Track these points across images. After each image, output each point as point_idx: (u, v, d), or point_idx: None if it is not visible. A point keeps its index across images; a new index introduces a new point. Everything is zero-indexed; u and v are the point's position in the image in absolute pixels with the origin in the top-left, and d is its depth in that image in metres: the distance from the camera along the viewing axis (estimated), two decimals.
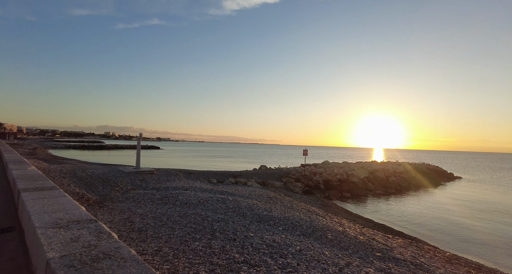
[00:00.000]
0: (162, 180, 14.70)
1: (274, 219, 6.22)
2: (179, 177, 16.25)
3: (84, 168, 15.14)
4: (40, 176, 6.04)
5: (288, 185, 18.28)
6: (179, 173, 17.02)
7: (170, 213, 7.60)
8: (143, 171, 15.43)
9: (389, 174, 25.05)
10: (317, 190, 18.37)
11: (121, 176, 13.96)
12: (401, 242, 6.73)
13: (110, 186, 12.12)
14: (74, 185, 11.24)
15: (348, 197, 19.07)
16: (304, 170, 21.79)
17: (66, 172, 13.66)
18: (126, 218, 7.45)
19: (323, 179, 20.19)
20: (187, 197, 9.41)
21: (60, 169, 14.54)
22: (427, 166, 32.46)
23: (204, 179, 17.43)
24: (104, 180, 12.81)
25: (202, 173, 18.50)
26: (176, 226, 6.26)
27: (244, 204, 7.80)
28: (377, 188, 22.01)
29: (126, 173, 14.60)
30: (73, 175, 12.96)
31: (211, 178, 17.76)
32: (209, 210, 7.56)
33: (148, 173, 15.48)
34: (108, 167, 16.69)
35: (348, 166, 28.13)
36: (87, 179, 12.61)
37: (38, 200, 3.68)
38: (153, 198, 9.92)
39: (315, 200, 14.84)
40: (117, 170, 15.37)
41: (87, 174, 13.49)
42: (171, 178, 15.53)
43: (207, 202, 8.61)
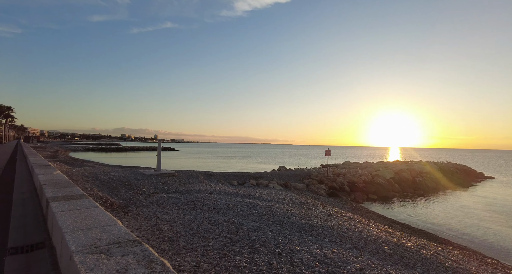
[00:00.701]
0: (184, 182, 14.37)
1: (316, 229, 5.61)
2: (200, 179, 15.89)
3: (106, 171, 15.03)
4: (67, 182, 5.70)
5: (311, 187, 17.56)
6: (200, 175, 16.67)
7: (199, 219, 7.14)
8: (164, 173, 15.16)
9: (416, 175, 23.80)
10: (342, 192, 17.55)
11: (143, 178, 13.72)
12: (459, 254, 5.98)
13: (133, 190, 11.86)
14: (97, 189, 11.02)
15: (374, 199, 18.15)
16: (326, 171, 20.98)
17: (88, 175, 13.56)
18: (153, 225, 7.04)
19: (347, 180, 19.32)
20: (214, 201, 8.94)
21: (82, 172, 14.48)
22: (454, 165, 30.78)
23: (225, 181, 17.00)
24: (126, 183, 12.59)
25: (222, 175, 18.09)
26: (209, 236, 5.76)
27: (277, 210, 7.22)
28: (404, 189, 20.90)
29: (148, 176, 14.37)
30: (96, 178, 12.81)
31: (232, 180, 17.31)
32: (240, 217, 7.03)
33: (169, 175, 15.20)
34: (129, 170, 16.55)
35: (371, 166, 27.03)
36: (109, 182, 12.41)
37: (69, 212, 3.25)
38: (178, 202, 9.52)
39: (342, 203, 14.08)
40: (138, 172, 15.17)
41: (109, 177, 13.33)
42: (192, 180, 15.18)
43: (236, 207, 8.09)
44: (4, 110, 53.22)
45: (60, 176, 6.63)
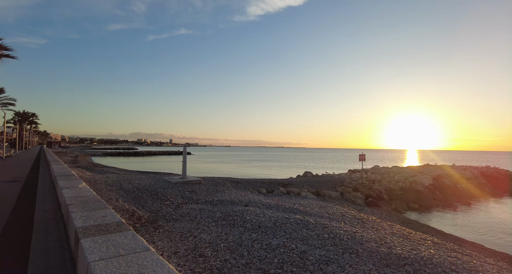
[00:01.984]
0: (211, 190, 13.34)
1: (408, 262, 4.32)
2: (227, 186, 14.83)
3: (129, 179, 14.24)
4: (96, 200, 4.70)
5: (346, 196, 16.11)
6: (227, 182, 15.61)
7: (247, 242, 5.98)
8: (190, 180, 14.19)
9: (456, 180, 21.78)
10: (381, 201, 15.98)
11: (169, 187, 12.79)
12: None
13: (160, 200, 10.91)
14: (123, 200, 10.12)
15: (416, 208, 16.48)
16: (361, 177, 19.43)
17: (111, 183, 12.76)
18: (193, 248, 5.94)
19: (384, 187, 17.71)
20: (256, 216, 7.77)
21: (105, 180, 13.73)
22: (495, 169, 28.29)
23: (253, 188, 15.86)
24: (152, 192, 11.67)
25: (249, 182, 16.96)
26: (269, 269, 4.59)
27: (340, 232, 5.96)
28: (446, 197, 19.01)
29: (173, 184, 13.43)
30: (120, 187, 11.97)
31: (260, 188, 16.13)
32: (297, 240, 5.82)
33: (195, 183, 14.22)
34: (153, 177, 15.71)
35: (403, 171, 25.15)
36: (134, 192, 11.53)
37: (110, 261, 2.15)
38: (214, 216, 8.43)
39: (388, 215, 12.58)
40: (163, 180, 14.29)
41: (133, 185, 12.47)
42: (220, 188, 14.13)
43: (284, 225, 6.89)
44: (28, 116, 54.68)
45: (87, 190, 5.67)
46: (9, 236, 3.89)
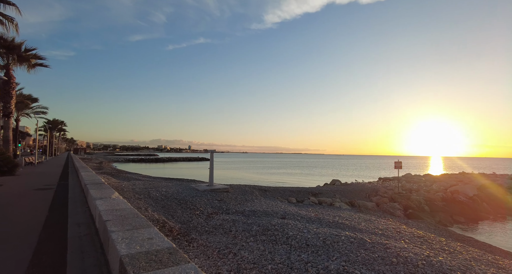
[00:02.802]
0: (240, 199, 12.68)
1: None
2: (255, 195, 14.11)
3: (156, 186, 13.87)
4: (134, 215, 4.13)
5: (383, 206, 14.88)
6: (254, 191, 14.88)
7: (297, 263, 5.19)
8: (217, 188, 13.61)
9: (503, 191, 19.77)
10: (422, 213, 14.60)
11: (197, 195, 12.26)
12: None
13: (189, 209, 10.37)
14: (152, 209, 9.64)
15: (462, 222, 14.92)
16: (396, 186, 18.06)
17: (139, 191, 12.41)
18: (236, 269, 5.24)
19: (423, 198, 16.27)
20: (299, 232, 6.96)
21: (132, 187, 13.44)
22: None
23: (282, 197, 15.02)
24: (180, 201, 11.16)
25: (276, 190, 16.13)
26: None
27: (409, 254, 5.04)
28: (494, 209, 17.19)
29: (201, 192, 12.90)
30: (148, 195, 11.57)
31: (289, 197, 15.27)
32: (358, 264, 4.95)
33: (223, 191, 13.61)
34: (179, 184, 15.28)
35: (439, 180, 23.32)
36: (162, 200, 11.07)
37: None
38: (250, 229, 7.71)
39: (436, 229, 11.30)
40: (190, 188, 13.80)
41: (161, 193, 12.04)
42: (248, 196, 13.44)
43: (336, 243, 6.03)
44: (57, 124, 57.10)
45: (122, 202, 5.14)
46: (42, 258, 3.37)
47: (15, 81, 17.07)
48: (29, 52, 16.94)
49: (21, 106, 27.76)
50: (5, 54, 16.13)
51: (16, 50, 16.07)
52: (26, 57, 16.71)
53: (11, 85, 16.65)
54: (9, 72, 16.58)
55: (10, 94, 16.71)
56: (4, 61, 16.33)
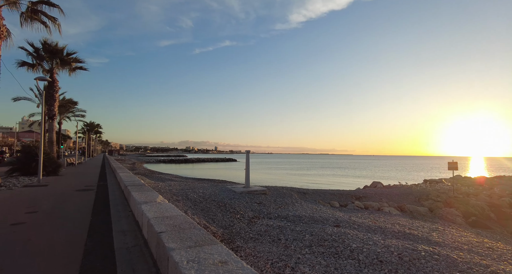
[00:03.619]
0: (279, 202, 11.86)
1: None
2: (294, 198, 13.21)
3: (192, 188, 13.49)
4: (190, 225, 3.47)
5: (438, 212, 13.25)
6: (293, 193, 13.98)
7: None
8: (255, 190, 12.91)
9: None
10: (488, 221, 12.77)
11: (235, 197, 11.64)
12: None
13: (230, 213, 9.73)
14: (191, 212, 9.11)
15: None
16: (451, 189, 16.20)
17: (176, 192, 12.06)
18: None
19: (485, 203, 14.32)
20: (364, 244, 5.97)
21: (168, 188, 13.16)
22: None
23: (323, 201, 13.97)
24: (220, 203, 10.58)
25: (316, 193, 15.09)
26: None
27: None
28: None
29: (238, 194, 12.27)
30: (185, 197, 11.15)
31: (331, 200, 14.17)
32: None
33: (260, 193, 12.88)
34: (214, 185, 14.81)
35: (499, 183, 20.75)
36: (201, 202, 10.56)
37: None
38: (302, 238, 6.84)
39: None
40: (226, 189, 13.24)
41: (198, 195, 11.58)
42: (287, 199, 12.58)
43: (418, 261, 4.98)
44: (94, 127, 60.32)
45: (170, 208, 4.55)
46: None
47: (58, 85, 17.80)
48: (70, 55, 17.58)
49: (62, 110, 29.27)
50: (49, 58, 16.83)
51: (59, 54, 16.74)
52: (68, 61, 17.34)
53: (55, 88, 17.37)
54: (53, 76, 17.30)
55: (53, 97, 17.44)
56: (49, 65, 17.06)
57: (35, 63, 16.50)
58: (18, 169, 13.16)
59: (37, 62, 16.54)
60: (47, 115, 18.07)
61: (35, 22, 10.46)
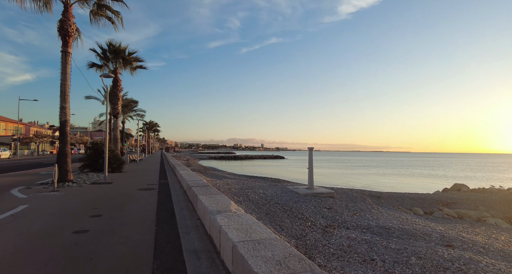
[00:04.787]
0: (352, 208, 10.20)
1: None
2: (368, 202, 11.39)
3: (252, 187, 12.60)
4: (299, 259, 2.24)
5: None
6: (365, 197, 12.14)
7: None
8: (320, 193, 11.44)
9: None
10: None
11: (299, 200, 10.35)
12: None
13: (298, 219, 8.48)
14: (256, 216, 8.05)
15: None
16: None
17: (236, 192, 11.26)
18: None
19: None
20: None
21: (227, 187, 12.47)
22: None
23: (403, 207, 11.84)
24: (284, 207, 9.40)
25: (391, 197, 12.96)
26: None
27: None
28: None
29: (303, 196, 10.95)
30: (247, 197, 10.23)
31: (413, 206, 11.95)
32: None
33: (327, 196, 11.37)
34: (274, 186, 13.72)
35: None
36: (264, 205, 9.50)
37: None
38: (407, 262, 5.22)
39: None
40: (288, 190, 12.04)
41: (260, 196, 10.58)
42: (360, 204, 10.84)
43: None
44: (153, 125, 64.77)
45: (254, 223, 3.48)
46: None
47: (121, 85, 18.69)
48: (131, 55, 18.28)
49: (125, 110, 31.39)
50: (113, 59, 17.69)
51: (122, 54, 17.50)
52: (129, 60, 18.06)
53: (118, 87, 18.28)
54: (117, 75, 18.19)
55: (117, 96, 18.37)
56: (113, 66, 17.97)
57: (102, 64, 17.54)
58: (88, 165, 13.83)
59: (104, 62, 17.55)
60: (112, 114, 19.13)
61: (101, 19, 10.59)
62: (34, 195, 7.02)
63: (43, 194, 7.15)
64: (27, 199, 6.47)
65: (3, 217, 4.78)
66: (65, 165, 8.98)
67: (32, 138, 43.26)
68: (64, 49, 8.97)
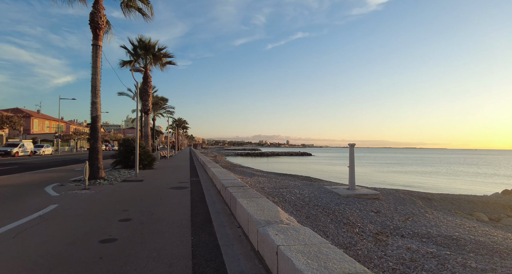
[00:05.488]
0: (402, 212, 8.99)
1: None
2: (419, 206, 10.05)
3: (285, 186, 11.77)
4: None
5: None
6: (414, 199, 10.78)
7: None
8: (364, 194, 10.31)
9: None
10: None
11: (341, 202, 9.34)
12: None
13: (343, 224, 7.52)
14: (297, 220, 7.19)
15: None
16: None
17: (270, 192, 10.49)
18: None
19: None
20: None
21: (260, 185, 11.75)
22: None
23: (461, 211, 10.34)
24: (325, 210, 8.47)
25: (445, 199, 11.46)
26: None
27: None
28: None
29: (344, 198, 9.91)
30: (282, 198, 9.43)
31: (473, 211, 10.40)
32: None
33: (372, 197, 10.22)
34: (310, 185, 12.77)
35: None
36: (303, 207, 8.64)
37: None
38: None
39: None
40: (326, 191, 11.05)
41: (296, 197, 9.73)
42: (411, 208, 9.56)
43: None
44: (182, 122, 66.15)
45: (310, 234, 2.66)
46: None
47: (151, 81, 18.71)
48: (161, 51, 18.17)
49: (156, 107, 31.91)
50: (144, 55, 17.69)
51: (151, 50, 17.44)
52: (159, 56, 17.98)
53: (149, 84, 18.29)
54: (147, 72, 18.21)
55: (147, 93, 18.40)
56: (143, 62, 18.00)
57: (132, 60, 17.63)
58: (120, 162, 13.84)
59: (134, 58, 17.63)
60: (142, 110, 19.25)
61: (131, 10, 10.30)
62: (66, 193, 6.79)
63: (74, 192, 6.90)
64: (58, 198, 6.23)
65: (30, 218, 4.43)
66: (97, 161, 8.79)
67: (71, 135, 45.92)
68: (94, 42, 8.75)
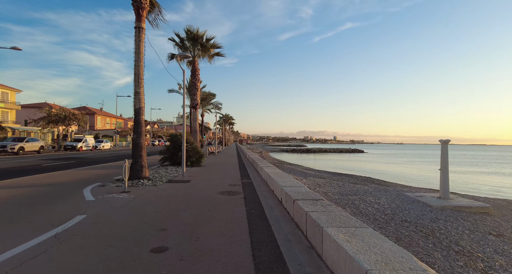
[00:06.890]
0: None
1: None
2: None
3: (355, 192, 9.71)
4: None
5: None
6: None
7: None
8: (465, 206, 7.75)
9: None
10: None
11: (439, 217, 6.99)
12: None
13: (454, 252, 5.29)
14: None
15: None
16: None
17: (336, 200, 8.58)
18: None
19: None
20: None
21: (321, 190, 9.88)
22: None
23: None
24: (420, 228, 6.27)
25: None
26: None
27: None
28: None
29: (439, 210, 7.52)
30: (356, 209, 7.46)
31: None
32: None
33: (479, 211, 7.62)
34: (384, 191, 10.46)
35: None
36: (387, 222, 6.56)
37: None
38: None
39: None
40: (408, 198, 8.73)
41: (373, 207, 7.66)
42: None
43: None
44: (228, 118, 66.69)
45: None
46: None
47: (199, 74, 18.02)
48: (209, 41, 17.28)
49: (204, 103, 31.81)
50: (192, 47, 17.00)
51: (200, 40, 16.65)
52: (207, 47, 17.09)
53: (197, 77, 17.63)
54: (195, 64, 17.53)
55: (196, 86, 17.75)
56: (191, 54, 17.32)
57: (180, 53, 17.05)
58: (168, 158, 13.23)
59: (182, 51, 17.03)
60: (191, 105, 18.72)
61: None
62: (102, 197, 5.92)
63: (111, 197, 5.99)
64: (91, 204, 5.33)
65: (41, 240, 3.37)
66: (140, 159, 7.95)
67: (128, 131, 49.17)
68: (137, 24, 7.88)
